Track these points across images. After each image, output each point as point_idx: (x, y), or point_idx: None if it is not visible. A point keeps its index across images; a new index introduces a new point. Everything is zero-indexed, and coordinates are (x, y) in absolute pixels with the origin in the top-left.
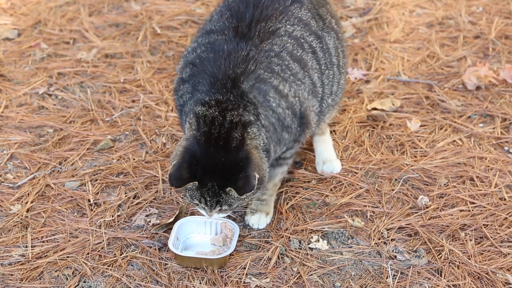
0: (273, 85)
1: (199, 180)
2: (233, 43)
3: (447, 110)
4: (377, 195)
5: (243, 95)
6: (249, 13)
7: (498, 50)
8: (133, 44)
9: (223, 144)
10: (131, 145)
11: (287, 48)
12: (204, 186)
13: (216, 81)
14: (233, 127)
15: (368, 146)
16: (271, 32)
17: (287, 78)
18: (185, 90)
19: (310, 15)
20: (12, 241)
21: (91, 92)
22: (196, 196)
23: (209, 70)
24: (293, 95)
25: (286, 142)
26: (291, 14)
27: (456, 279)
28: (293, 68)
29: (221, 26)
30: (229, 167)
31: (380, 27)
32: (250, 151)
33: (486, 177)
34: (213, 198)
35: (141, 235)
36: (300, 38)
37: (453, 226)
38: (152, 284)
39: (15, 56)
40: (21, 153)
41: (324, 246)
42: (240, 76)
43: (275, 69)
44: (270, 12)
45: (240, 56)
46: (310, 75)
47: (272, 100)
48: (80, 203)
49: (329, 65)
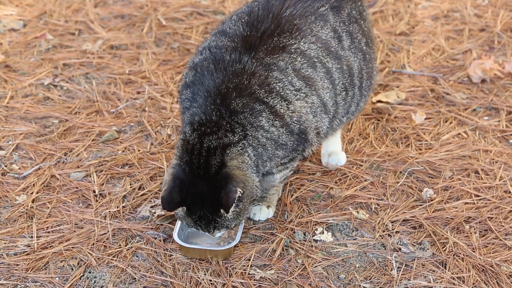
0: (269, 106)
1: (188, 207)
2: (237, 54)
3: (452, 103)
4: (382, 188)
5: (232, 114)
6: (266, 24)
7: (503, 43)
8: (138, 35)
9: (203, 173)
10: (136, 137)
11: (294, 65)
12: (194, 214)
13: (208, 96)
14: (210, 154)
15: (373, 138)
16: (281, 47)
17: (287, 96)
18: (186, 96)
19: (333, 34)
20: (17, 231)
21: (96, 83)
22: (191, 223)
23: (206, 83)
24: (291, 114)
25: (282, 157)
26: (310, 32)
27: (460, 271)
28: (296, 85)
29: (234, 31)
30: (212, 193)
31: (385, 20)
32: (229, 172)
33: (491, 170)
34: (208, 225)
35: (146, 226)
36: (314, 58)
37: (457, 219)
38: (157, 275)
39: (20, 47)
40: (26, 144)
41: (329, 238)
42: (232, 92)
43: (274, 87)
44: (288, 27)
45: (237, 69)
46: (319, 94)
47: (264, 121)
48: (85, 194)
49: (348, 86)
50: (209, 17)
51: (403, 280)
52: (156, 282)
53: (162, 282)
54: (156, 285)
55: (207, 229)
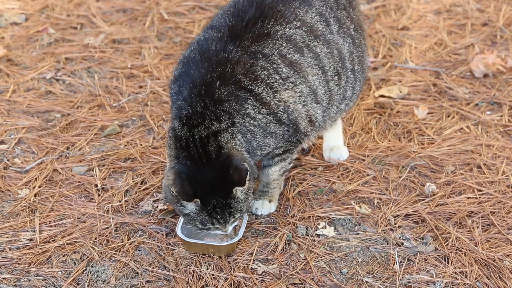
0: (254, 93)
1: (201, 199)
2: (222, 44)
3: (455, 98)
4: (384, 182)
5: (216, 103)
6: (250, 13)
7: (506, 38)
8: (140, 29)
9: (206, 160)
10: (139, 131)
11: (280, 51)
12: (208, 205)
13: (194, 87)
14: (204, 143)
15: (375, 133)
16: (266, 34)
17: (272, 84)
18: (174, 90)
19: (319, 18)
20: (20, 225)
21: (99, 77)
22: (205, 220)
23: (191, 73)
24: (277, 102)
25: (274, 146)
26: (294, 17)
27: (463, 266)
28: (283, 72)
29: (220, 23)
30: (221, 176)
31: (387, 14)
32: (228, 152)
33: (493, 164)
34: (223, 212)
35: (149, 221)
36: (300, 42)
37: (460, 214)
38: (160, 269)
39: (22, 41)
40: (28, 138)
41: (331, 232)
42: (216, 81)
43: (259, 75)
44: (272, 14)
45: (221, 58)
46: (308, 80)
47: (250, 108)
48: (88, 188)
49: (340, 70)
50: (211, 11)
51: (406, 275)
52: (159, 276)
53: (164, 276)
54: (158, 279)
55: (223, 217)
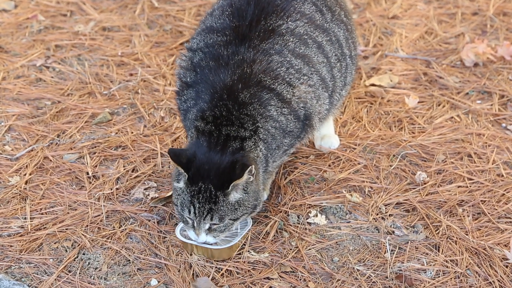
0: (277, 92)
1: (191, 176)
2: (233, 47)
3: (445, 87)
4: (375, 171)
5: (240, 107)
6: (250, 11)
7: (496, 27)
8: (130, 17)
9: (220, 148)
10: (129, 119)
11: (288, 46)
12: (195, 184)
13: (215, 92)
14: (230, 138)
15: (366, 122)
16: (271, 30)
17: (291, 79)
18: (189, 96)
19: (315, 8)
20: (11, 212)
21: (89, 65)
22: (185, 202)
23: (210, 80)
24: (297, 99)
25: (288, 144)
26: (293, 10)
27: (453, 254)
28: (296, 64)
29: (222, 25)
30: (224, 165)
31: (378, 3)
32: (246, 155)
33: (483, 153)
34: (204, 203)
35: (140, 208)
36: (303, 35)
37: (450, 202)
38: (151, 257)
39: (12, 28)
40: (19, 125)
41: (323, 221)
42: (238, 83)
43: (277, 71)
44: (271, 9)
45: (237, 60)
46: (317, 70)
47: (273, 110)
48: (79, 176)
49: (340, 57)
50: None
51: (397, 263)
52: (150, 264)
53: (156, 264)
54: (150, 267)
55: (201, 210)
